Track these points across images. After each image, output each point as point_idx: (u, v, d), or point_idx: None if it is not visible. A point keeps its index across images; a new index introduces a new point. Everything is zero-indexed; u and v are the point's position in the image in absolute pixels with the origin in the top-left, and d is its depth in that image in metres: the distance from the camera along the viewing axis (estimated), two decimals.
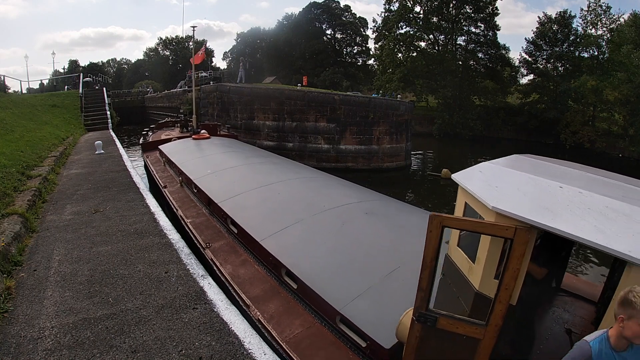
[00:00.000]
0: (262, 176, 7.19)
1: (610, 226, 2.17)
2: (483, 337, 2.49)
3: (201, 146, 10.48)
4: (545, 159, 3.38)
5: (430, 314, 2.58)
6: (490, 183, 2.72)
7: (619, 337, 1.85)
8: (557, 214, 2.30)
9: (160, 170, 9.51)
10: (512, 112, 32.28)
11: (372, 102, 18.27)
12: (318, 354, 3.11)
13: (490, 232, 2.42)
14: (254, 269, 4.46)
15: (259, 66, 51.22)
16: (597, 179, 2.85)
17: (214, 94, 22.10)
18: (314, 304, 3.60)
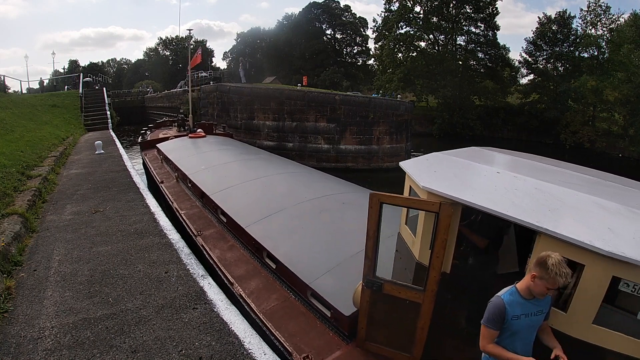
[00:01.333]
0: (252, 171, 7.69)
1: (529, 203, 2.48)
2: (422, 301, 2.86)
3: (197, 144, 10.89)
4: (507, 151, 3.81)
5: (377, 280, 2.97)
6: (431, 168, 3.11)
7: (528, 289, 2.17)
8: (480, 192, 2.66)
9: (157, 167, 9.83)
10: (512, 112, 32.28)
11: (372, 102, 18.28)
12: (289, 323, 3.51)
13: (419, 207, 2.83)
14: (239, 253, 4.91)
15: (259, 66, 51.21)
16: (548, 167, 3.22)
17: (214, 94, 22.10)
18: (290, 281, 4.03)
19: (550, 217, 2.31)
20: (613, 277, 2.13)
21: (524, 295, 2.19)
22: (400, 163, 3.35)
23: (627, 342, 2.15)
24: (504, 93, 34.53)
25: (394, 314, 3.04)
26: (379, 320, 3.12)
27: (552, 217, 2.32)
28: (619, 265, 2.06)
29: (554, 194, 2.55)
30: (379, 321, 3.12)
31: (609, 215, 2.33)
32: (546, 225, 2.23)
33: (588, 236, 2.13)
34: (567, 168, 3.30)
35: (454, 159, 3.31)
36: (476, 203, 2.54)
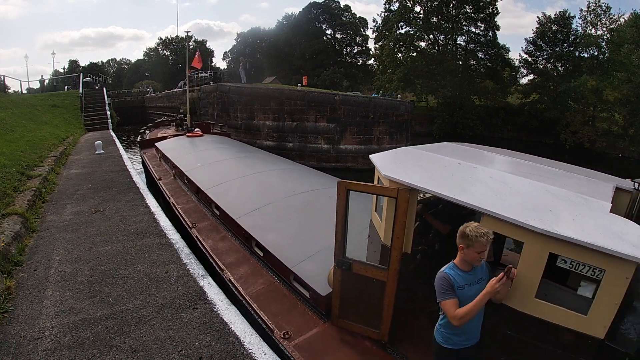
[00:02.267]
0: (246, 168, 8.02)
1: (478, 188, 2.76)
2: (387, 279, 3.13)
3: (194, 143, 11.19)
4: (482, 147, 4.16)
5: (346, 260, 3.28)
6: (396, 160, 3.44)
7: (463, 261, 2.41)
8: (436, 180, 2.97)
9: (156, 165, 10.12)
10: (512, 112, 32.27)
11: (372, 102, 18.27)
12: (273, 304, 3.86)
13: (380, 192, 3.18)
14: (231, 243, 5.24)
15: (259, 66, 51.21)
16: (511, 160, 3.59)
17: (214, 94, 22.09)
18: (275, 267, 4.37)
19: (495, 200, 2.55)
20: (550, 254, 2.32)
21: (462, 268, 2.42)
22: (370, 156, 3.61)
23: (569, 315, 2.32)
24: (504, 93, 34.51)
25: (363, 293, 3.31)
26: (350, 299, 3.40)
27: (497, 200, 2.55)
28: (555, 243, 2.25)
29: (506, 181, 2.83)
30: (350, 300, 3.40)
31: (555, 199, 2.55)
32: (487, 207, 2.48)
33: (525, 216, 2.33)
34: (531, 160, 3.58)
35: (422, 152, 3.61)
36: (428, 188, 2.84)
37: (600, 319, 2.26)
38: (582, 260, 2.25)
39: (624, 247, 2.10)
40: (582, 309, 2.31)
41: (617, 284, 2.19)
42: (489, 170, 3.05)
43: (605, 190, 2.90)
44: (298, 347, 3.27)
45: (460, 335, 2.46)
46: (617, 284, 2.19)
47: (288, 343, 3.32)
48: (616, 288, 2.19)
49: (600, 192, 2.82)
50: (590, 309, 2.28)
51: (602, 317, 2.25)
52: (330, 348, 3.28)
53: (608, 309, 2.22)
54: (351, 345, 3.30)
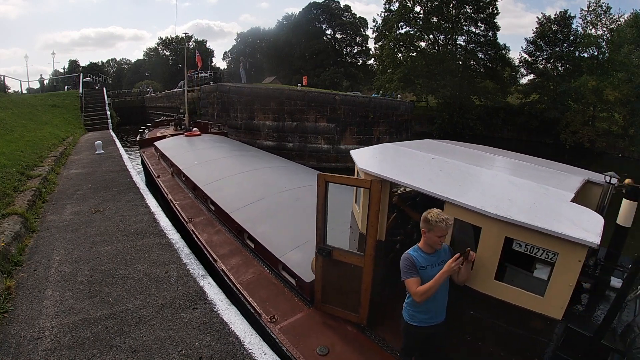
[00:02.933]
0: (240, 166, 8.31)
1: (444, 179, 3.05)
2: (364, 265, 3.35)
3: (192, 142, 11.48)
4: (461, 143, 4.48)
5: (326, 247, 3.51)
6: (374, 155, 3.74)
7: (426, 244, 2.64)
8: (406, 172, 3.27)
9: (154, 164, 10.39)
10: (512, 112, 32.21)
11: (372, 102, 18.27)
12: (262, 291, 4.12)
13: (355, 184, 3.47)
14: (225, 236, 5.51)
15: (259, 66, 51.20)
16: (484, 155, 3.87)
17: (214, 94, 22.08)
18: (265, 257, 4.63)
19: (458, 190, 2.79)
20: (506, 238, 2.50)
21: (425, 250, 2.65)
22: (351, 151, 3.85)
23: (527, 297, 2.47)
24: (504, 93, 34.47)
25: (342, 279, 3.54)
26: (331, 285, 3.65)
27: (459, 190, 2.80)
28: (510, 228, 2.42)
29: (472, 173, 3.13)
30: (331, 285, 3.65)
31: (516, 189, 2.77)
32: (449, 195, 2.70)
33: (483, 203, 2.53)
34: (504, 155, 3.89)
35: (400, 148, 3.85)
36: (398, 179, 3.09)
37: (556, 300, 2.38)
38: (535, 244, 2.40)
39: (575, 232, 2.23)
40: (539, 291, 2.44)
41: (570, 267, 2.31)
42: (459, 163, 3.29)
43: (571, 182, 3.09)
44: (283, 330, 3.52)
45: (424, 314, 2.66)
46: (570, 266, 2.31)
47: (274, 326, 3.57)
48: (569, 270, 2.32)
49: (566, 184, 3.01)
50: (546, 290, 2.42)
51: (558, 298, 2.37)
52: (313, 331, 3.51)
53: (563, 291, 2.35)
54: (333, 328, 3.55)
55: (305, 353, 3.21)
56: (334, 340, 3.39)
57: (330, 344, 3.34)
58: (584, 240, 2.18)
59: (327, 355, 3.21)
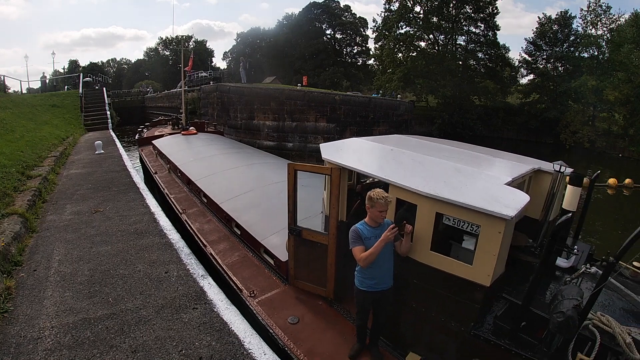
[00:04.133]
0: (232, 162, 8.82)
1: (393, 166, 3.44)
2: (328, 242, 3.81)
3: (188, 140, 11.99)
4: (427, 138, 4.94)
5: (297, 227, 3.99)
6: (338, 147, 4.11)
7: (370, 219, 3.04)
8: (362, 162, 3.69)
9: (152, 161, 10.83)
10: (512, 112, 32.19)
11: (372, 102, 18.27)
12: (245, 271, 4.62)
13: (317, 171, 3.90)
14: (215, 225, 6.01)
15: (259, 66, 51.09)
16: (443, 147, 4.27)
17: (214, 94, 22.06)
18: (249, 242, 5.15)
19: (402, 175, 3.18)
20: (437, 213, 2.86)
21: (370, 224, 3.05)
22: (320, 145, 4.21)
23: (459, 265, 2.81)
24: (504, 93, 34.44)
25: (311, 256, 3.99)
26: (302, 262, 4.13)
27: (403, 175, 3.19)
28: (440, 204, 2.80)
29: (422, 161, 3.49)
30: (302, 262, 4.12)
31: (456, 173, 3.13)
32: (391, 179, 3.12)
33: (418, 185, 2.92)
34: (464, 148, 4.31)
35: (365, 141, 4.30)
36: (352, 166, 3.54)
37: (482, 268, 2.69)
38: (461, 218, 2.77)
39: (494, 207, 2.55)
40: (468, 260, 2.77)
41: (491, 238, 2.61)
42: (414, 154, 3.69)
43: (514, 169, 3.42)
44: (260, 303, 3.98)
45: (371, 280, 3.04)
46: (491, 237, 2.61)
47: (253, 300, 4.02)
48: (491, 241, 2.62)
49: (506, 170, 3.37)
50: (473, 259, 2.73)
51: (484, 266, 2.67)
52: (287, 304, 3.98)
53: (488, 259, 2.65)
54: (304, 302, 4.01)
55: (278, 322, 3.67)
56: (304, 311, 3.86)
57: (300, 314, 3.81)
58: (500, 213, 2.49)
59: (296, 324, 3.69)
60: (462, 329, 2.86)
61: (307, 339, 3.47)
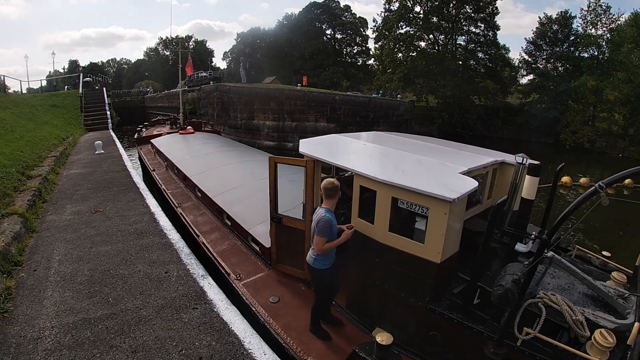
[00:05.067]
0: (226, 159, 9.24)
1: (362, 158, 3.80)
2: (305, 228, 4.15)
3: (185, 139, 12.38)
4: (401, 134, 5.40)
5: (277, 215, 4.40)
6: (316, 142, 4.47)
7: (329, 206, 3.37)
8: (334, 154, 4.02)
9: (151, 159, 11.21)
10: (512, 112, 32.13)
11: (372, 102, 18.27)
12: (233, 257, 5.00)
13: (294, 163, 4.23)
14: (208, 217, 6.44)
15: (259, 66, 51.11)
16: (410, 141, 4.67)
17: (214, 94, 22.06)
18: (238, 231, 5.56)
19: (368, 165, 3.53)
20: (393, 198, 3.18)
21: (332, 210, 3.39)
22: (301, 141, 4.47)
23: (413, 245, 3.11)
24: (504, 93, 34.42)
25: (290, 241, 4.34)
26: (283, 247, 4.51)
27: (368, 165, 3.55)
28: (395, 190, 3.12)
29: (388, 154, 3.85)
30: (283, 247, 4.51)
31: (416, 164, 3.47)
32: (355, 168, 3.50)
33: (376, 173, 3.26)
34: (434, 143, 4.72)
35: (342, 137, 4.65)
36: (323, 158, 3.91)
37: (433, 246, 2.99)
38: (413, 201, 3.09)
39: (440, 191, 2.85)
40: (421, 239, 3.07)
41: (439, 218, 2.92)
42: (382, 147, 4.07)
43: (473, 161, 3.72)
44: (245, 285, 4.36)
45: (330, 259, 3.44)
46: (438, 218, 2.92)
47: (239, 282, 4.41)
48: (439, 221, 2.92)
49: (465, 162, 3.63)
50: (425, 239, 3.03)
51: (435, 245, 2.97)
52: (269, 286, 4.37)
53: (437, 238, 2.95)
54: (285, 284, 4.41)
55: (260, 301, 4.05)
56: (284, 292, 4.27)
57: (281, 294, 4.21)
58: (444, 196, 2.81)
59: (277, 303, 4.07)
60: (419, 304, 3.15)
61: (285, 316, 3.84)
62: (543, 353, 2.63)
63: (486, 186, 4.08)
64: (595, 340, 2.52)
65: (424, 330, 3.17)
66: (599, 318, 2.84)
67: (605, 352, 2.51)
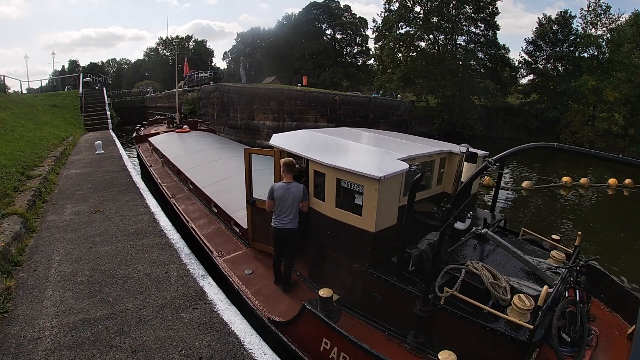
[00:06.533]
0: (217, 155, 10.02)
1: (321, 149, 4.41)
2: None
3: (181, 137, 13.07)
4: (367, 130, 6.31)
5: (252, 198, 5.02)
6: (286, 137, 5.10)
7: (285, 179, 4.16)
8: (298, 146, 4.49)
9: (148, 156, 11.88)
10: (512, 112, 32.13)
11: (372, 102, 18.26)
12: (217, 239, 5.68)
13: (265, 154, 4.83)
14: (198, 207, 7.19)
15: (259, 66, 51.05)
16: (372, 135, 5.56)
17: (214, 94, 22.05)
18: (223, 217, 6.30)
19: (322, 154, 4.10)
20: (337, 179, 3.77)
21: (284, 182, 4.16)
22: (274, 135, 5.01)
23: (354, 217, 3.69)
24: (503, 93, 34.40)
25: (263, 221, 4.74)
26: (258, 226, 5.08)
27: (322, 154, 4.11)
28: (338, 172, 3.73)
29: (343, 145, 4.58)
30: (258, 227, 5.07)
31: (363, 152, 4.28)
32: (309, 155, 4.07)
33: (325, 159, 3.87)
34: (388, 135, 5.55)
35: (311, 132, 5.34)
36: (287, 149, 4.46)
37: (368, 218, 3.56)
38: (352, 181, 3.67)
39: (371, 171, 3.44)
40: (359, 213, 3.63)
41: (371, 194, 3.49)
42: (341, 140, 4.74)
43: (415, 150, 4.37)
44: (225, 261, 4.98)
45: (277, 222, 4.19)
46: (371, 194, 3.49)
47: (220, 259, 5.04)
48: (371, 197, 3.49)
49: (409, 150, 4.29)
50: (362, 212, 3.60)
51: (369, 216, 3.55)
52: (246, 261, 5.00)
53: (371, 211, 3.53)
54: (260, 260, 5.01)
55: (237, 273, 4.68)
56: (258, 266, 4.88)
57: (255, 268, 4.82)
58: (373, 175, 3.38)
59: (251, 274, 4.69)
60: (361, 269, 3.71)
61: (256, 284, 4.48)
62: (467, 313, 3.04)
63: (434, 173, 4.70)
64: (514, 304, 2.92)
65: (367, 293, 3.71)
66: (522, 286, 3.28)
67: (525, 314, 2.89)
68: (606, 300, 4.06)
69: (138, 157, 12.96)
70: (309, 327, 3.48)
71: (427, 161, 4.54)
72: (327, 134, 5.01)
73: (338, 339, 3.23)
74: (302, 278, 4.53)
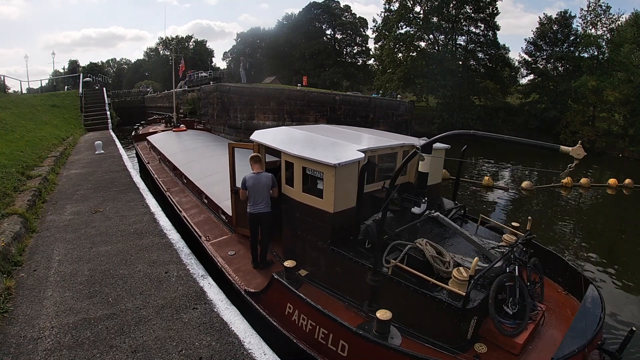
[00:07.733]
0: (211, 152, 10.61)
1: (295, 143, 4.85)
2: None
3: (178, 136, 13.62)
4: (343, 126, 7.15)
5: (236, 188, 5.42)
6: (266, 132, 5.66)
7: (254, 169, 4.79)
8: (275, 141, 4.93)
9: (146, 154, 12.50)
10: (512, 112, 32.14)
11: (372, 102, 18.24)
12: (206, 226, 6.30)
13: (248, 147, 5.35)
14: (190, 199, 7.84)
15: (259, 66, 51.06)
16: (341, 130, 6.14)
17: (214, 94, 22.01)
18: (212, 207, 6.94)
19: (293, 147, 4.59)
20: (303, 167, 4.32)
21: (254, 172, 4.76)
22: (256, 132, 5.49)
23: (317, 200, 4.21)
24: (503, 93, 34.41)
25: (245, 208, 4.99)
26: (240, 213, 5.60)
27: (293, 146, 4.64)
28: (303, 161, 4.29)
29: (315, 139, 4.98)
30: (240, 213, 5.60)
31: (330, 145, 4.68)
32: (282, 148, 4.63)
33: (294, 150, 4.43)
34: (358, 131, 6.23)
35: (289, 129, 5.93)
36: (265, 143, 4.97)
37: (328, 200, 4.10)
38: (314, 169, 4.23)
39: (328, 160, 3.97)
40: (321, 196, 4.17)
41: (329, 179, 4.03)
42: (313, 134, 5.21)
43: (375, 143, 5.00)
44: (212, 244, 5.56)
45: (251, 207, 4.76)
46: (329, 179, 4.03)
47: (207, 242, 5.62)
48: (329, 181, 4.03)
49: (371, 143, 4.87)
50: (323, 195, 4.14)
51: (329, 199, 4.09)
52: (230, 244, 5.59)
53: (329, 194, 4.07)
54: (242, 243, 5.55)
55: (220, 254, 5.24)
56: (240, 248, 5.45)
57: (237, 250, 5.40)
58: (329, 163, 3.92)
59: (233, 255, 5.26)
60: (324, 245, 4.22)
61: (237, 263, 5.04)
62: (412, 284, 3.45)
63: (398, 164, 5.11)
64: (453, 275, 3.33)
65: (330, 268, 4.23)
66: (465, 262, 3.68)
67: (463, 285, 3.24)
68: (563, 284, 4.51)
69: (136, 154, 13.42)
70: (276, 294, 4.01)
71: (390, 153, 5.08)
72: (304, 131, 5.54)
73: (298, 302, 3.73)
74: (278, 257, 5.07)
